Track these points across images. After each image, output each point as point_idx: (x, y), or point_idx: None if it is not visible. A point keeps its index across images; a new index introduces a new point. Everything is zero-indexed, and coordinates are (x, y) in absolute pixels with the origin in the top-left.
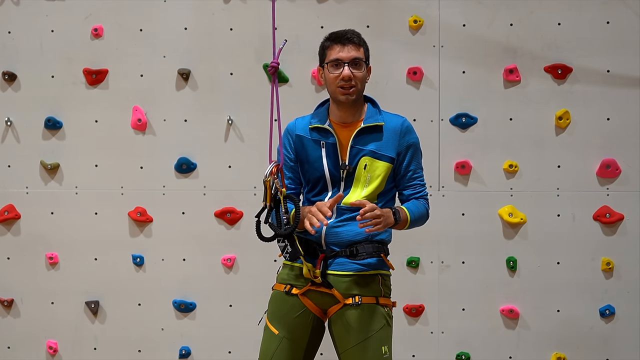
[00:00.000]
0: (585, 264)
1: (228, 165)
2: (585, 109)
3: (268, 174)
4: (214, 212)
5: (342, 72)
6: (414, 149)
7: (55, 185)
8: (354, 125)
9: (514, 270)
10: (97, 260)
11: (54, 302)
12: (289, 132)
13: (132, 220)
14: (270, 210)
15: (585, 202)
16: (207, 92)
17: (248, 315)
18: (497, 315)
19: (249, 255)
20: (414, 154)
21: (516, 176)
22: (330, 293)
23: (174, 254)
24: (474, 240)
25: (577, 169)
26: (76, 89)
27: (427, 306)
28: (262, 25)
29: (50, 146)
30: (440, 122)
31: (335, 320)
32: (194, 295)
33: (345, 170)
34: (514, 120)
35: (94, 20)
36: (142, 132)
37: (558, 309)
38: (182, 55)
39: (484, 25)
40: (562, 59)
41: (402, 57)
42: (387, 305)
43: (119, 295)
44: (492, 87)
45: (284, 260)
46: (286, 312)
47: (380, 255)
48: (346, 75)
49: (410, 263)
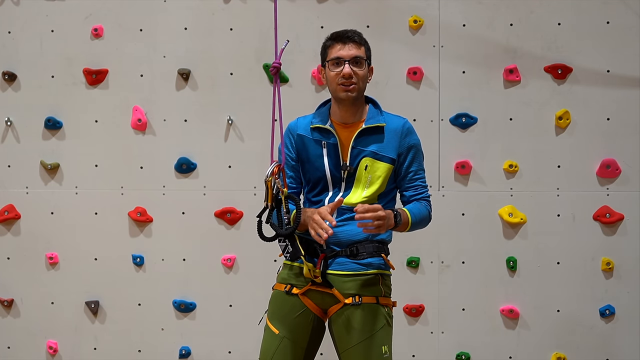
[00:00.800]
0: (585, 264)
1: (228, 165)
2: (585, 109)
3: (269, 173)
4: (214, 212)
5: (342, 69)
6: (415, 150)
7: (55, 185)
8: (355, 126)
9: (514, 270)
10: (97, 260)
11: (54, 302)
12: (291, 132)
13: (132, 220)
14: (271, 210)
15: (585, 202)
16: (207, 92)
17: (248, 315)
18: (497, 315)
19: (249, 255)
20: (415, 155)
21: (516, 176)
22: (330, 293)
23: (174, 254)
24: (474, 240)
25: (577, 169)
26: (76, 89)
27: (427, 306)
28: (262, 25)
29: (50, 146)
30: (440, 122)
31: (336, 319)
32: (194, 295)
33: (346, 170)
34: (514, 120)
35: (94, 20)
36: (142, 132)
37: (558, 309)
38: (182, 55)
39: (484, 25)
40: (562, 59)
41: (402, 57)
42: (387, 305)
43: (119, 295)
44: (492, 87)
45: (284, 260)
46: (287, 312)
47: (381, 255)
48: (346, 72)
49: (410, 263)
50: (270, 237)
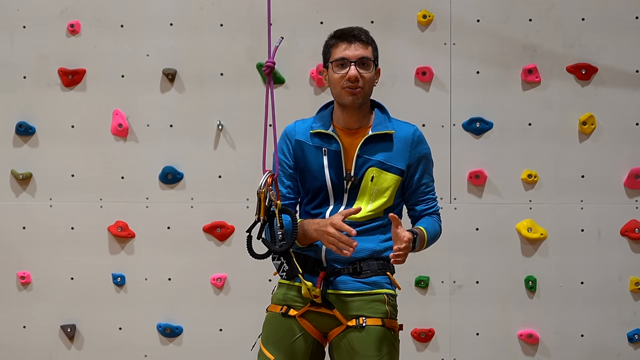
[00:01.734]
0: (612, 284)
1: (218, 175)
2: (612, 112)
3: (262, 184)
4: (203, 227)
5: (347, 71)
6: (426, 160)
7: (27, 197)
8: (361, 132)
9: (533, 290)
10: (74, 279)
11: (26, 326)
12: (288, 136)
13: (113, 235)
14: (263, 224)
15: (611, 216)
16: (195, 94)
17: (240, 340)
18: (514, 340)
19: (241, 274)
20: (426, 166)
21: (535, 187)
22: (331, 314)
23: (159, 273)
24: (489, 257)
25: (602, 179)
26: (50, 90)
27: (437, 330)
28: (255, 20)
29: (22, 154)
30: (452, 127)
31: (337, 344)
32: (180, 319)
33: (350, 181)
34: (533, 126)
35: (70, 15)
36: (124, 139)
37: (582, 334)
38: (168, 54)
39: (500, 20)
40: (587, 58)
41: (410, 56)
42: (393, 328)
43: (98, 319)
44: (509, 88)
45: (279, 279)
46: (282, 336)
47: (386, 273)
48: (352, 75)
49: (419, 283)
50: (261, 254)
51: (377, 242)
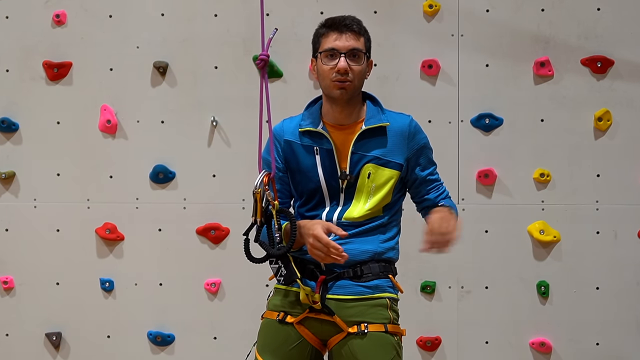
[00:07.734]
0: (629, 290)
1: (212, 174)
2: (629, 108)
3: (258, 184)
4: (196, 229)
5: (337, 63)
6: (426, 149)
7: (10, 198)
8: (353, 128)
9: (546, 296)
10: (60, 284)
11: (9, 333)
12: (276, 137)
13: (100, 238)
14: (260, 226)
15: (629, 217)
16: (188, 89)
17: (235, 349)
18: (526, 349)
19: (236, 279)
20: (426, 155)
21: (548, 187)
22: (331, 320)
23: (149, 278)
24: (499, 261)
25: (619, 179)
26: (35, 85)
27: (444, 338)
28: (251, 10)
29: (4, 152)
30: (460, 123)
31: (338, 352)
32: (172, 326)
33: (345, 180)
34: (545, 122)
35: (55, 4)
36: (112, 136)
37: (597, 342)
38: (159, 46)
39: (510, 10)
40: (602, 50)
41: (415, 48)
42: (396, 334)
43: (85, 326)
44: (520, 82)
45: (276, 284)
46: (280, 344)
47: (388, 276)
48: (342, 67)
49: (425, 288)
50: (259, 258)
51: (378, 243)
